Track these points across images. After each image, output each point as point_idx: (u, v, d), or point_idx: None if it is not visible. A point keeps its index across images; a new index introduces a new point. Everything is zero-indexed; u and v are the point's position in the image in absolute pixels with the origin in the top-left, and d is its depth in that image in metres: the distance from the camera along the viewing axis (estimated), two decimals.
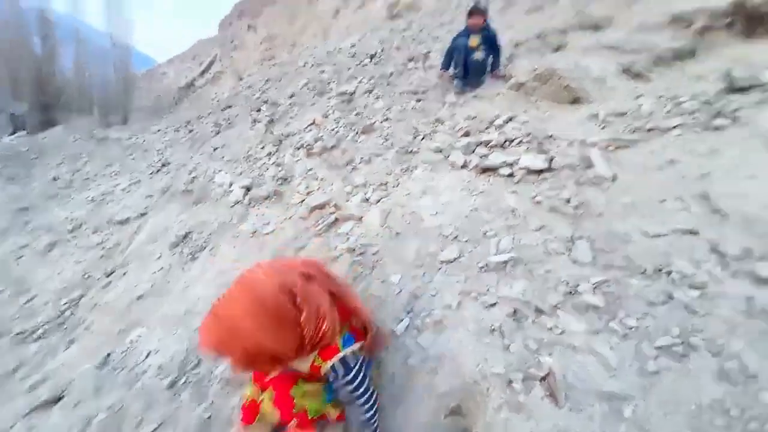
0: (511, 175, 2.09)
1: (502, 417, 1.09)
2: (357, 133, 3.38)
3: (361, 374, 1.16)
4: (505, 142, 2.39)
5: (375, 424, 1.21)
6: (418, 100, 3.61)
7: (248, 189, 2.97)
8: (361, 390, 1.16)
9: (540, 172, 2.02)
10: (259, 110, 5.46)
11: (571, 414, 1.05)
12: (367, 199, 2.45)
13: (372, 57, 5.86)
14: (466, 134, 2.66)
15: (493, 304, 1.42)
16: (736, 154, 1.73)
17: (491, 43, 3.57)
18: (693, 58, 2.89)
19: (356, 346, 1.17)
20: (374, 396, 1.21)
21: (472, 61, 3.53)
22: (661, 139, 2.01)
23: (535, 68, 3.33)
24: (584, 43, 3.30)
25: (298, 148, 3.44)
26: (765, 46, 2.57)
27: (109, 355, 2.02)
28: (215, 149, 4.76)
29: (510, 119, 2.72)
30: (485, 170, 2.19)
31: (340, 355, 1.13)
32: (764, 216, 1.47)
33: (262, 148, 4.12)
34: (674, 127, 2.02)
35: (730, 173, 1.67)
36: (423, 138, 2.98)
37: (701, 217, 1.55)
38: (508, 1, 5.81)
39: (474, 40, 3.50)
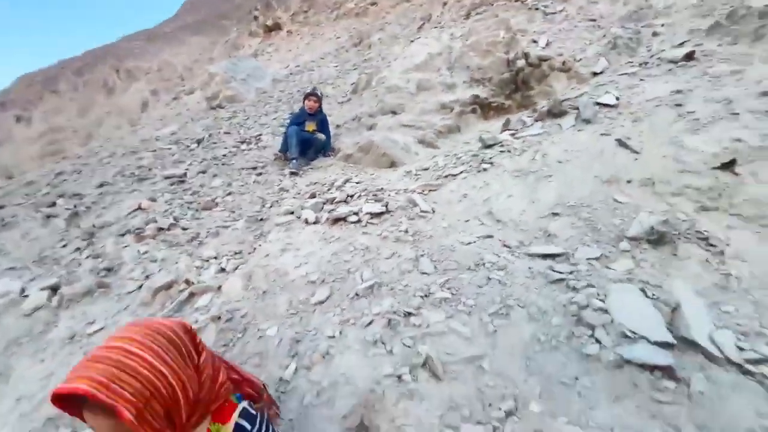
0: (358, 221, 2.41)
1: (401, 407, 1.21)
2: (197, 210, 3.21)
3: (271, 429, 1.03)
4: (347, 197, 2.76)
5: None
6: (259, 174, 3.75)
7: (55, 289, 2.35)
8: None
9: (380, 214, 2.42)
10: (53, 204, 4.46)
11: (451, 382, 1.27)
12: (224, 269, 2.33)
13: (199, 142, 5.75)
14: (312, 196, 2.93)
15: (370, 322, 1.58)
16: (499, 184, 2.54)
17: (323, 127, 4.16)
18: (459, 132, 4.09)
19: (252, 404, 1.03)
20: None
21: (312, 141, 4.00)
22: (454, 182, 2.74)
23: (357, 142, 4.03)
24: (389, 123, 4.22)
25: (123, 235, 2.99)
26: (494, 122, 3.91)
27: None
28: None
29: (347, 181, 3.16)
30: (336, 221, 2.46)
31: (243, 405, 0.98)
32: (524, 220, 2.19)
33: (64, 246, 3.36)
34: (460, 173, 2.81)
35: (499, 196, 2.42)
36: (271, 206, 3.10)
37: (491, 225, 2.19)
38: (324, 94, 6.89)
39: (311, 126, 4.03)
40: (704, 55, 3.13)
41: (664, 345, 1.21)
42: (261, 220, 2.92)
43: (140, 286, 2.28)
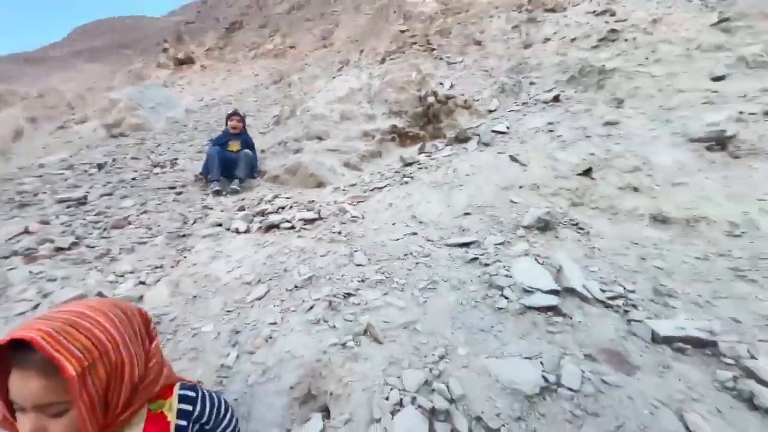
0: (292, 227, 2.49)
1: (347, 368, 1.30)
2: (105, 229, 2.93)
3: (216, 395, 0.99)
4: (279, 209, 2.82)
5: None
6: (179, 193, 3.58)
7: None
8: (229, 412, 0.97)
9: (313, 221, 2.53)
10: None
11: (390, 344, 1.41)
12: (143, 282, 2.17)
13: (101, 167, 5.23)
14: (242, 209, 2.92)
15: (312, 307, 1.66)
16: (419, 194, 2.87)
17: (249, 147, 4.14)
18: (380, 157, 4.45)
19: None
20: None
21: (236, 161, 3.88)
22: (380, 193, 3.01)
23: (284, 164, 4.12)
24: (315, 147, 4.41)
25: (6, 258, 2.57)
26: (411, 148, 4.36)
27: None
28: None
29: (276, 196, 3.21)
30: (269, 228, 2.50)
31: (179, 383, 0.93)
32: (442, 220, 2.50)
33: None
34: (385, 186, 3.09)
35: (420, 203, 2.73)
36: (194, 222, 2.98)
37: (415, 226, 2.45)
38: (250, 121, 6.87)
39: (234, 145, 3.97)
40: (566, 98, 4.01)
41: (553, 292, 1.53)
42: (183, 236, 2.78)
43: (36, 306, 1.99)
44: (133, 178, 4.44)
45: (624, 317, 1.44)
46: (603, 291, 1.57)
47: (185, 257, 2.42)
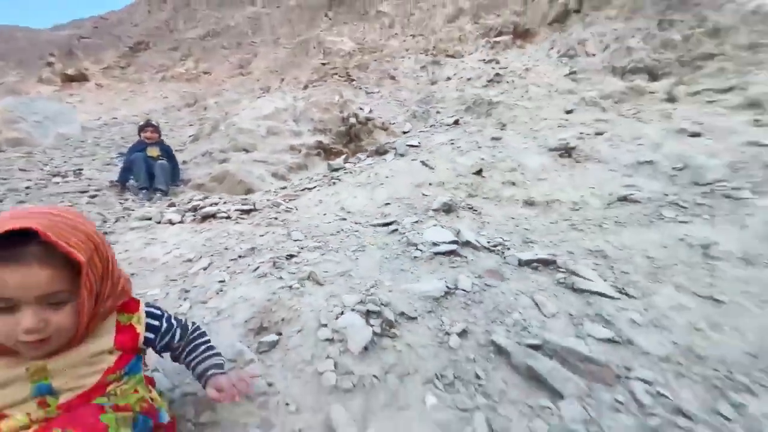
0: (228, 217, 2.64)
1: (294, 301, 1.56)
2: None
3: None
4: (212, 204, 2.93)
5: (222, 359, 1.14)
6: (93, 196, 3.40)
7: None
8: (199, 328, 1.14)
9: (249, 211, 2.72)
10: None
11: (330, 286, 1.71)
12: None
13: None
14: (173, 204, 2.95)
15: (258, 267, 1.88)
16: (345, 192, 3.25)
17: (169, 155, 4.09)
18: (307, 169, 4.77)
19: None
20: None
21: (158, 167, 3.82)
22: (311, 193, 3.31)
23: (210, 172, 4.18)
24: (242, 158, 4.55)
25: None
26: (337, 161, 4.76)
27: None
28: None
29: (206, 197, 3.29)
30: (205, 218, 2.61)
31: (144, 302, 0.99)
32: (367, 210, 2.90)
33: None
34: (315, 187, 3.41)
35: (347, 199, 3.11)
36: (116, 221, 2.91)
37: (344, 215, 2.81)
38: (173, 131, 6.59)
39: (154, 151, 3.90)
40: (464, 122, 4.87)
41: (454, 242, 2.01)
42: (105, 233, 2.71)
43: None
44: (28, 187, 4.03)
45: (502, 256, 1.97)
46: (488, 242, 2.10)
47: (113, 247, 2.39)
